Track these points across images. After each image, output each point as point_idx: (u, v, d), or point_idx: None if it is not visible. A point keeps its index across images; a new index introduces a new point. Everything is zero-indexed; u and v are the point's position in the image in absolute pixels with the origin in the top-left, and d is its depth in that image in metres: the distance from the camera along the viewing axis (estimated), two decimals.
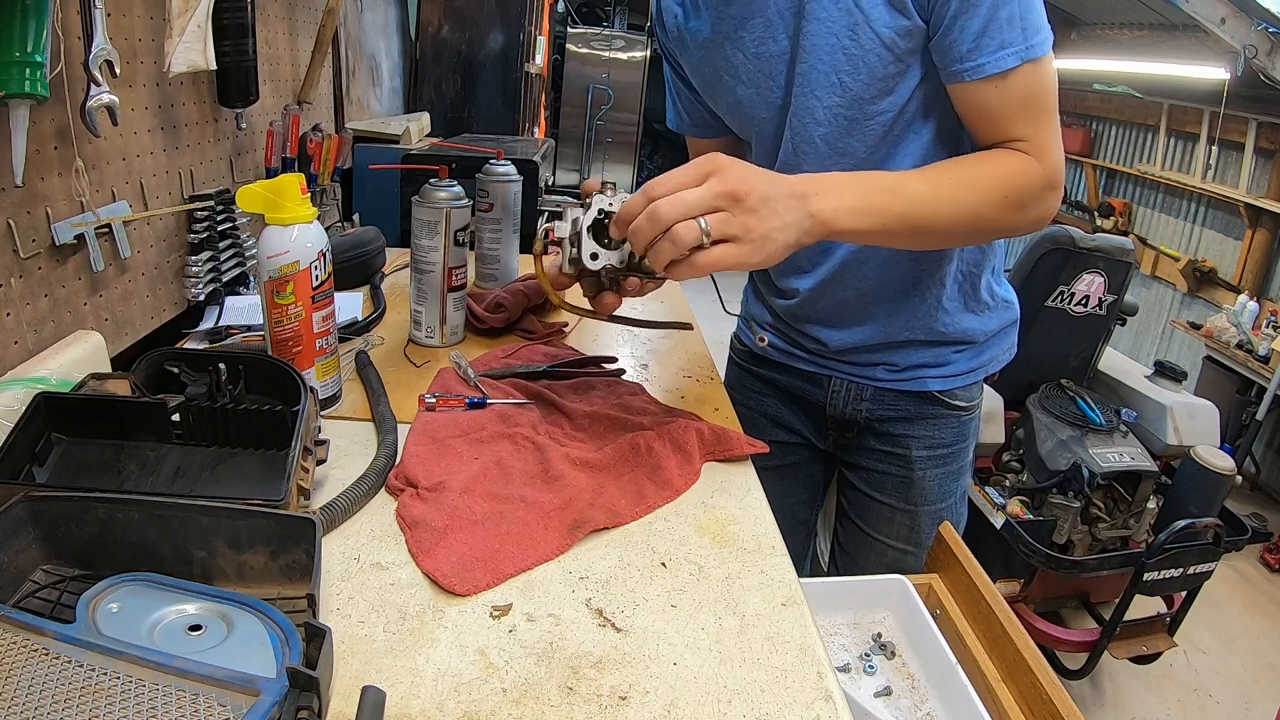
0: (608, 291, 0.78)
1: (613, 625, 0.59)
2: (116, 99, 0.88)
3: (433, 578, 0.62)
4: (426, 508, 0.69)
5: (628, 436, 0.82)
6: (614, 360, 1.07)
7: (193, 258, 1.12)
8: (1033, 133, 0.81)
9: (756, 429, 1.18)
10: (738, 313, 1.24)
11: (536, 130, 3.58)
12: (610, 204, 0.73)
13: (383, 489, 0.74)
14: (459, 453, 0.79)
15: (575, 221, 0.75)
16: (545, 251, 0.78)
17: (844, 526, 1.21)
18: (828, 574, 1.32)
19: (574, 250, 0.74)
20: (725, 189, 0.67)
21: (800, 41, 0.85)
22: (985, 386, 1.14)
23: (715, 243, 0.67)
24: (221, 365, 0.75)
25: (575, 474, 0.76)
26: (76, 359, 0.83)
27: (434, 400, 0.88)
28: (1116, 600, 2.02)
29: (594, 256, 0.74)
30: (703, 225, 0.66)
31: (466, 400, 0.89)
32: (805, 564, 1.36)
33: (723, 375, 1.16)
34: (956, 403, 1.06)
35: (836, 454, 1.18)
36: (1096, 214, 5.06)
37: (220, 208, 1.15)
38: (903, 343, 1.02)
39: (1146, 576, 1.93)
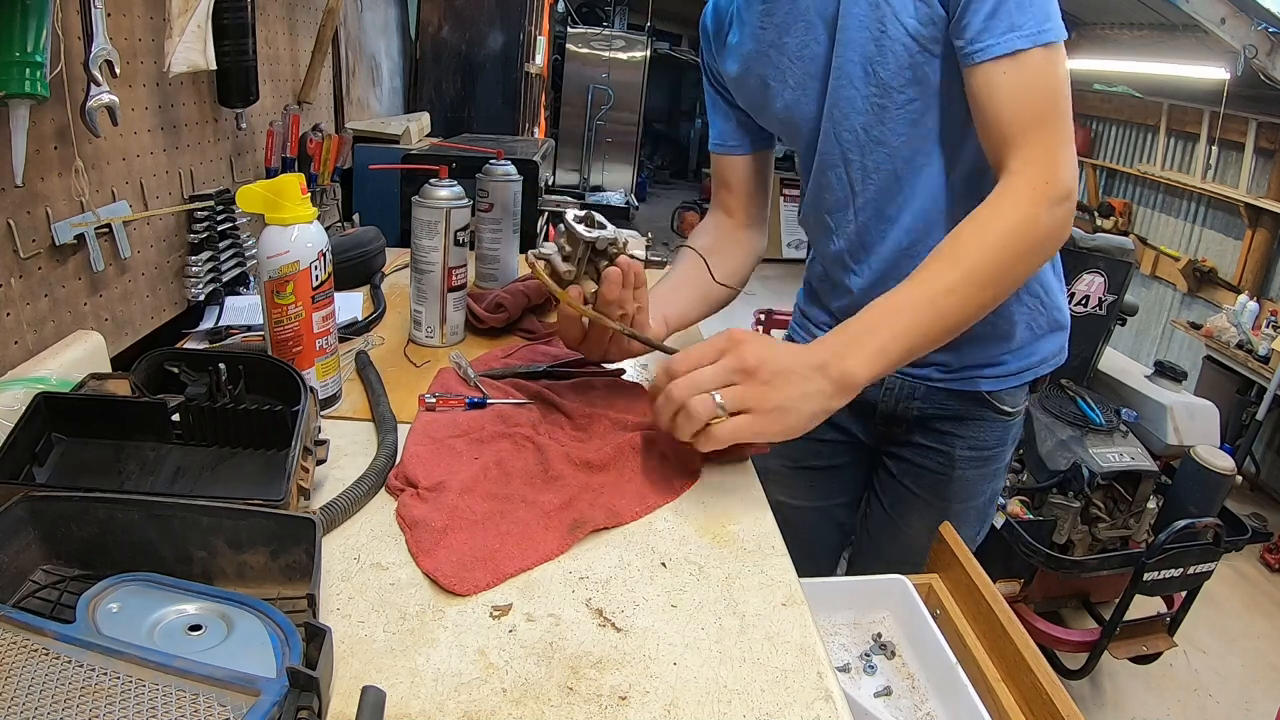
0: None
1: (613, 625, 0.59)
2: (116, 99, 0.88)
3: (433, 578, 0.62)
4: (426, 508, 0.69)
5: (628, 436, 0.82)
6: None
7: (193, 258, 1.12)
8: (1038, 135, 0.80)
9: None
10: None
11: (536, 130, 3.58)
12: (592, 233, 0.83)
13: (383, 489, 0.74)
14: (459, 453, 0.79)
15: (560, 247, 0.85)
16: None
17: (872, 511, 1.24)
18: (849, 556, 1.35)
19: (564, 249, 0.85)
20: (739, 364, 0.72)
21: (836, 37, 0.89)
22: None
23: (734, 414, 0.71)
24: (221, 365, 0.74)
25: (575, 474, 0.76)
26: (76, 359, 0.83)
27: (434, 400, 0.88)
28: (1116, 600, 2.02)
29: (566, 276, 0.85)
30: (717, 399, 0.71)
31: (466, 400, 0.89)
32: (836, 568, 1.38)
33: None
34: (1004, 407, 1.09)
35: (879, 446, 1.20)
36: (1096, 214, 5.06)
37: (220, 208, 1.15)
38: (956, 341, 1.04)
39: (1146, 576, 1.93)
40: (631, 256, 0.85)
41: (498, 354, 1.06)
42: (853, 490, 1.28)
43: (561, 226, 0.85)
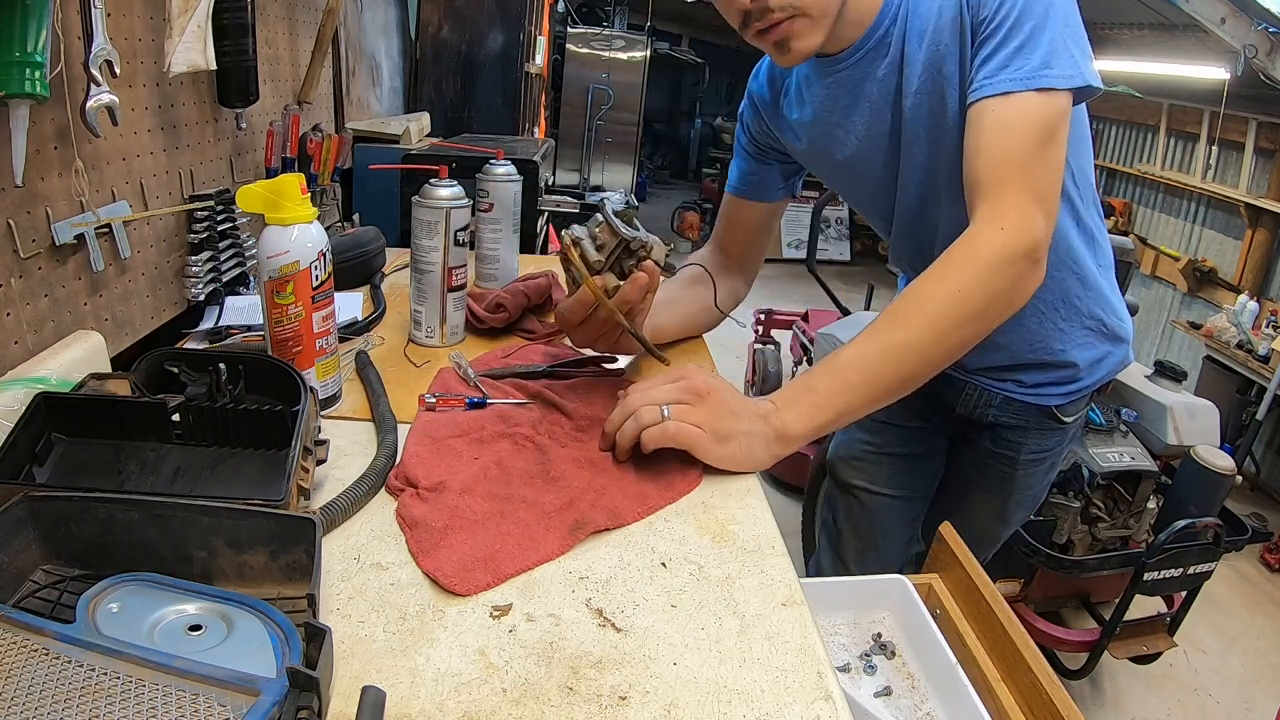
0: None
1: (613, 625, 0.59)
2: (116, 99, 0.87)
3: (433, 578, 0.62)
4: (427, 508, 0.69)
5: None
6: (614, 360, 1.07)
7: (193, 258, 1.12)
8: (1011, 183, 0.78)
9: (889, 412, 1.25)
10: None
11: (536, 130, 3.57)
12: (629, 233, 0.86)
13: (383, 489, 0.74)
14: (459, 453, 0.79)
15: (594, 236, 0.88)
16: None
17: (940, 500, 1.33)
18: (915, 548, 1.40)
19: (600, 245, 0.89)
20: (690, 387, 0.79)
21: (903, 115, 0.92)
22: None
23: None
24: (221, 365, 0.74)
25: (577, 474, 0.76)
26: (76, 359, 0.83)
27: (434, 400, 0.88)
28: (1116, 600, 2.02)
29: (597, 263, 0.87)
30: (664, 413, 0.77)
31: (466, 400, 0.89)
32: (908, 567, 1.40)
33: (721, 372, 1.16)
34: (1067, 419, 1.15)
35: (951, 437, 1.28)
36: None
37: (220, 208, 1.15)
38: (1029, 364, 1.10)
39: (1146, 576, 1.93)
40: (654, 262, 0.88)
41: (498, 354, 1.06)
42: (927, 486, 1.33)
43: (598, 217, 0.87)
